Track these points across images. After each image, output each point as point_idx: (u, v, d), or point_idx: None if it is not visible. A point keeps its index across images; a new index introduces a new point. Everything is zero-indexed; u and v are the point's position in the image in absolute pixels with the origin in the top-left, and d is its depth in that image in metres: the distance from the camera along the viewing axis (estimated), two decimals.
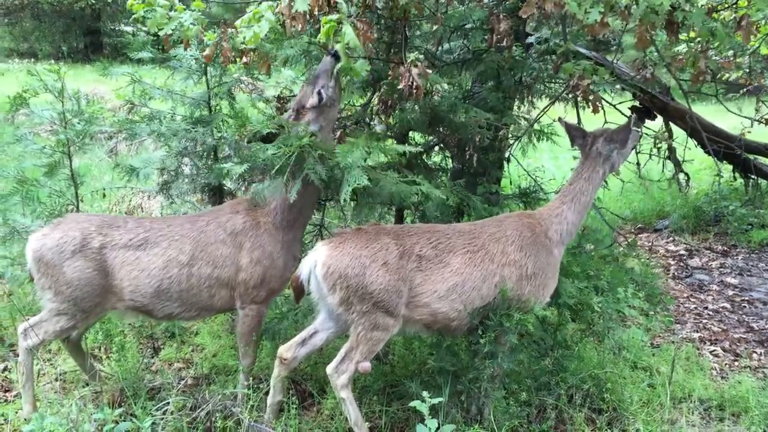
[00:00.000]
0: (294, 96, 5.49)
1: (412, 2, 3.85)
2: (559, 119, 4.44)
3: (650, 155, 6.64)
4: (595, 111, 4.72)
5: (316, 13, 3.65)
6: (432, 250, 3.86)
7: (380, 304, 3.68)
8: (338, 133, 5.07)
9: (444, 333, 4.02)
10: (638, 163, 6.63)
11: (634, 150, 6.83)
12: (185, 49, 4.75)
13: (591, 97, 4.56)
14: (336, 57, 4.02)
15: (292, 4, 3.63)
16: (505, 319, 3.80)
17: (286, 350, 3.97)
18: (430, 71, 4.08)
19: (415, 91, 3.94)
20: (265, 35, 3.73)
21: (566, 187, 4.24)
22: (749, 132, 8.05)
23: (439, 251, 3.86)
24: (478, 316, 3.85)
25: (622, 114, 6.34)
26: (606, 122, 5.84)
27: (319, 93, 4.08)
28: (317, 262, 3.75)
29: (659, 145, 6.56)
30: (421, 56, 4.06)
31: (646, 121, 6.77)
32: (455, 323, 3.85)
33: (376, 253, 3.73)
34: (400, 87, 4.00)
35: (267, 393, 4.09)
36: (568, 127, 4.34)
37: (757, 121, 7.72)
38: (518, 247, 3.95)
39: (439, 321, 3.83)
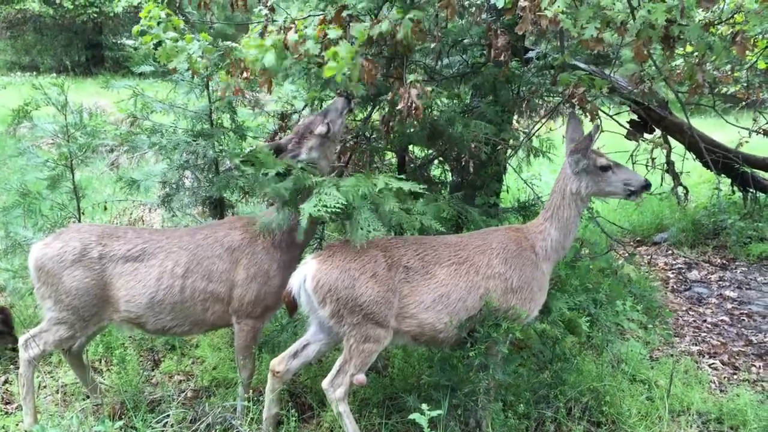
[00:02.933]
0: (296, 112, 5.55)
1: (411, 35, 3.89)
2: (570, 113, 4.28)
3: (646, 165, 6.66)
4: (593, 119, 4.75)
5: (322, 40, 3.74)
6: (419, 262, 3.89)
7: (370, 315, 3.71)
8: (338, 147, 5.11)
9: (431, 345, 4.03)
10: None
11: (631, 161, 6.87)
12: (192, 78, 4.81)
13: (588, 106, 4.60)
14: (348, 100, 4.26)
15: (300, 46, 3.70)
16: (493, 330, 3.82)
17: (277, 363, 3.99)
18: (429, 89, 4.13)
19: (414, 111, 3.99)
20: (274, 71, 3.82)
21: (547, 201, 4.26)
22: (747, 142, 8.09)
23: (425, 263, 3.90)
24: (464, 328, 3.87)
25: (620, 125, 6.38)
26: (602, 131, 5.86)
27: (328, 125, 4.20)
28: (306, 276, 3.78)
29: (654, 156, 6.57)
30: (420, 78, 4.09)
31: (644, 134, 6.81)
32: (442, 335, 3.87)
33: (365, 265, 3.76)
34: (399, 107, 4.05)
35: None
36: (574, 125, 4.19)
37: (755, 131, 7.76)
38: (503, 260, 3.97)
39: (426, 333, 3.85)
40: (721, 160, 7.72)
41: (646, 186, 4.08)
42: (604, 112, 5.94)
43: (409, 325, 3.83)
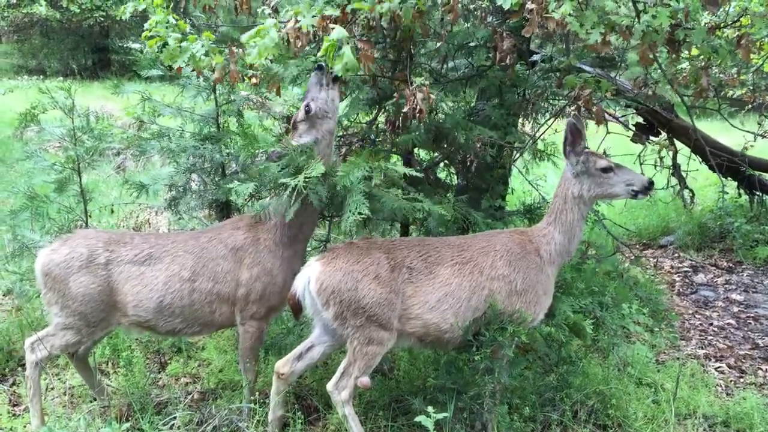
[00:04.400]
0: None
1: (415, 23, 3.90)
2: (574, 116, 4.18)
3: (655, 166, 6.64)
4: (599, 123, 4.75)
5: (320, 33, 3.72)
6: (422, 263, 3.90)
7: (373, 317, 3.72)
8: (344, 150, 5.12)
9: (437, 346, 4.03)
10: (641, 172, 6.63)
11: (639, 162, 6.85)
12: (198, 77, 4.82)
13: (594, 109, 4.60)
14: (321, 68, 4.12)
15: (298, 20, 3.70)
16: (499, 333, 3.82)
17: (282, 365, 4.00)
18: (433, 96, 4.14)
19: (418, 114, 4.00)
20: (271, 55, 3.79)
21: (550, 205, 4.25)
22: (752, 146, 8.07)
23: (428, 263, 3.91)
24: (470, 330, 3.87)
25: (626, 127, 6.38)
26: (608, 132, 5.84)
27: (306, 106, 4.15)
28: (310, 278, 3.80)
29: (662, 155, 6.55)
30: (427, 82, 4.11)
31: (650, 137, 6.80)
32: (447, 335, 3.87)
33: (368, 267, 3.78)
34: (405, 110, 4.06)
35: None
36: (575, 130, 4.04)
37: (761, 135, 7.73)
38: (507, 261, 3.96)
39: (431, 333, 3.85)
40: (725, 164, 7.70)
41: (650, 185, 4.03)
42: (611, 115, 5.95)
43: (414, 326, 3.83)
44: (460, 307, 3.84)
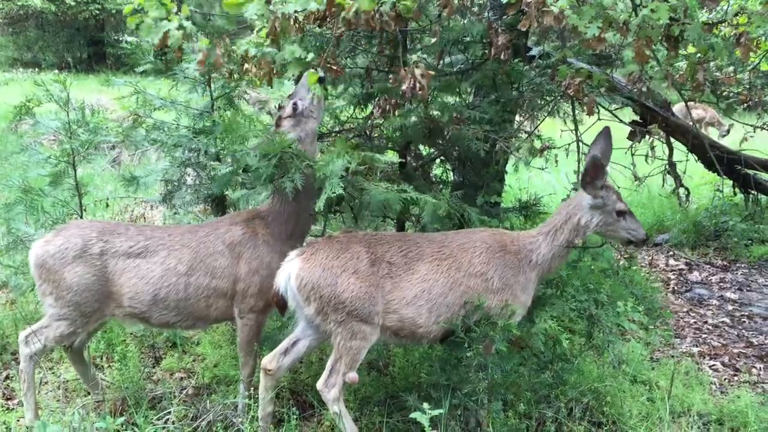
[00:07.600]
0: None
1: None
2: (594, 155, 4.10)
3: (646, 157, 6.62)
4: (590, 113, 4.73)
5: (309, 24, 3.74)
6: (401, 258, 3.91)
7: (354, 312, 3.72)
8: (318, 121, 5.10)
9: (411, 341, 4.02)
10: (632, 162, 6.58)
11: (631, 151, 6.83)
12: (176, 57, 4.80)
13: (585, 99, 4.57)
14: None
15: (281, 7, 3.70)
16: (489, 328, 3.83)
17: (269, 361, 3.99)
18: (432, 72, 4.11)
19: (419, 92, 3.94)
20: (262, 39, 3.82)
21: (550, 217, 4.26)
22: (752, 136, 8.08)
23: (408, 259, 3.92)
24: (458, 325, 3.87)
25: (621, 121, 6.36)
26: (599, 118, 5.79)
27: (294, 103, 4.20)
28: (291, 274, 3.81)
29: (654, 145, 6.50)
30: (424, 56, 4.06)
31: (645, 136, 6.79)
32: (421, 330, 3.87)
33: (347, 262, 3.78)
34: (402, 89, 4.00)
35: None
36: (596, 165, 4.02)
37: (759, 127, 7.74)
38: (485, 259, 3.97)
39: (406, 327, 3.86)
40: (725, 156, 7.70)
41: (646, 240, 4.23)
42: (604, 108, 5.93)
43: (391, 320, 3.84)
44: (436, 303, 3.85)
